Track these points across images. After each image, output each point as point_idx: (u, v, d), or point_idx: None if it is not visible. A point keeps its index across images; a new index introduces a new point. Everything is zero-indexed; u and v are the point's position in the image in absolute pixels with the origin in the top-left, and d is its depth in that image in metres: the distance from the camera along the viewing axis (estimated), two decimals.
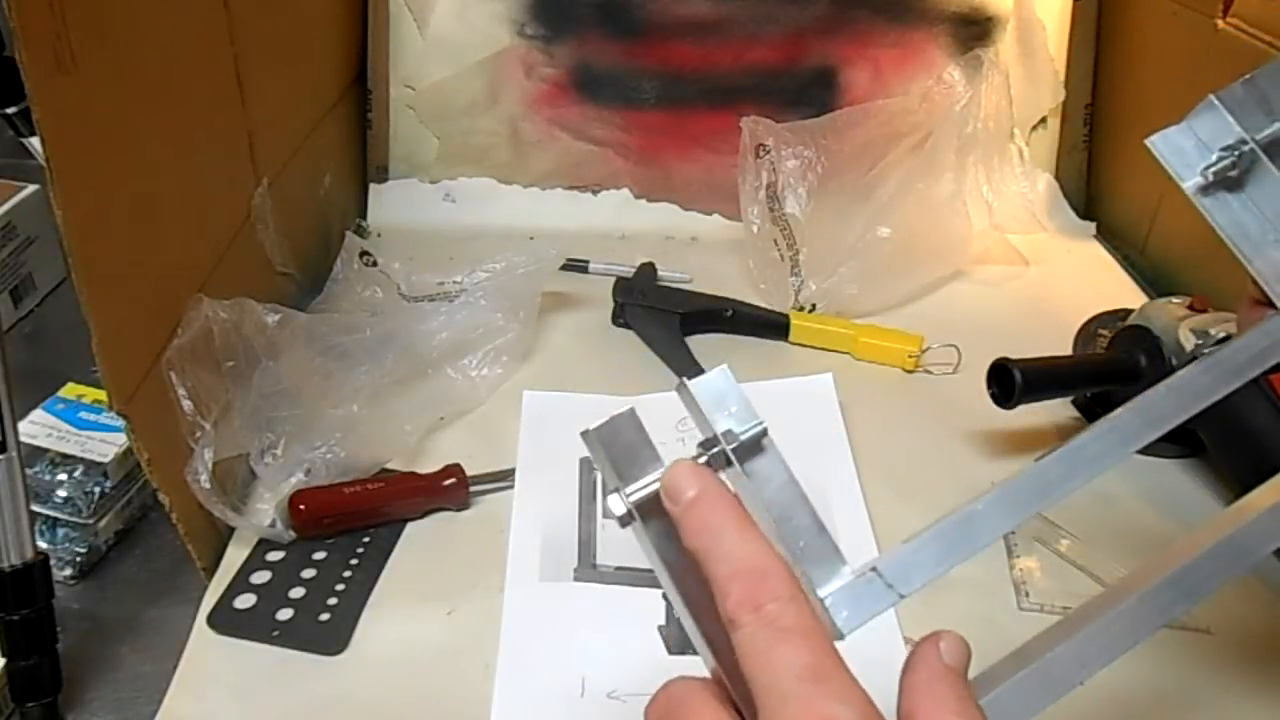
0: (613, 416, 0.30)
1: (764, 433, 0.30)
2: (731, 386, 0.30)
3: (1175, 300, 0.65)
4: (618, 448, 0.30)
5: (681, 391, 0.31)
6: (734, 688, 0.28)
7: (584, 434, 0.30)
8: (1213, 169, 0.36)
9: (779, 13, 0.86)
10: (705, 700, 0.28)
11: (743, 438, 0.30)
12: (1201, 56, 0.78)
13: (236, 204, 0.64)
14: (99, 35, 0.46)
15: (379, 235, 0.88)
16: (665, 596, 0.52)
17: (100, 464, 0.56)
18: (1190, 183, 0.37)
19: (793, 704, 0.25)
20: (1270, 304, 0.37)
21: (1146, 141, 0.38)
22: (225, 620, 0.52)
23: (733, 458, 0.30)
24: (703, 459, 0.30)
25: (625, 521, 0.30)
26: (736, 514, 0.28)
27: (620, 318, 0.77)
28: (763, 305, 0.78)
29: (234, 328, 0.57)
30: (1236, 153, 0.36)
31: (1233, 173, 0.36)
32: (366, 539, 0.57)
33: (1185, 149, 0.37)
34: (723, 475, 0.30)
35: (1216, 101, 0.36)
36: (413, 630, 0.53)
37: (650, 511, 0.29)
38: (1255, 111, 0.36)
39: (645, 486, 0.29)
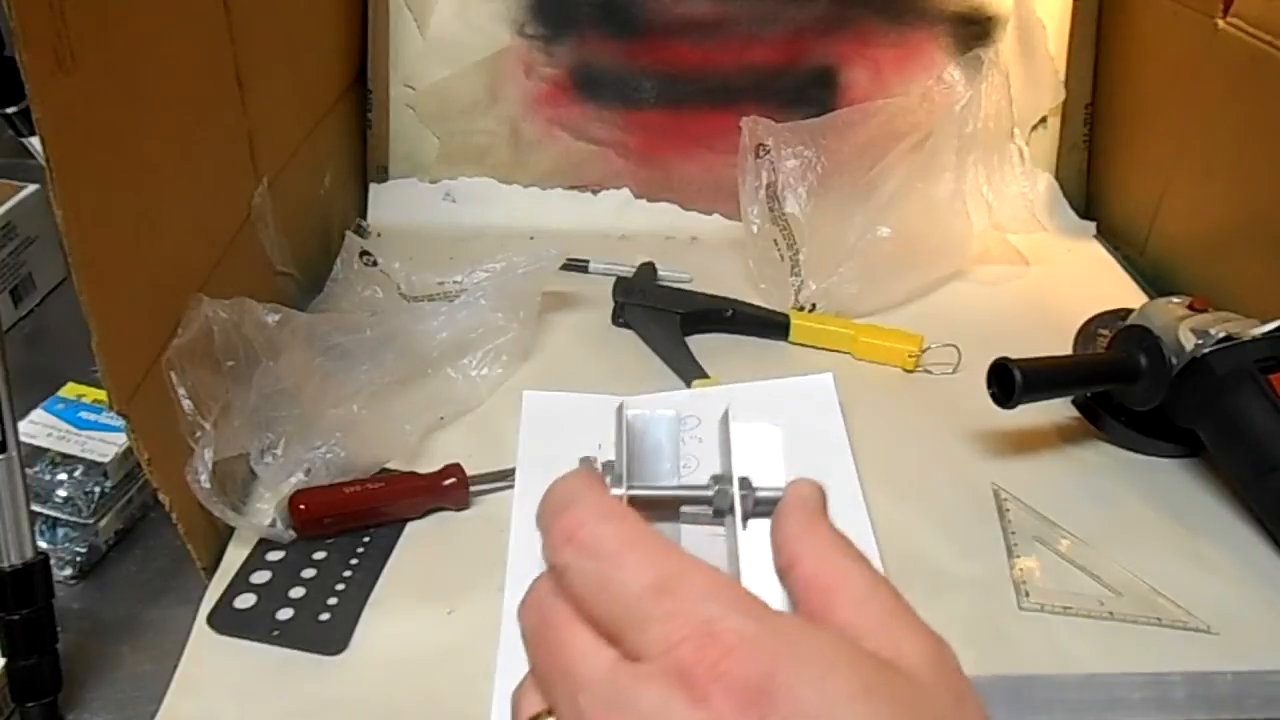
0: (658, 414, 0.29)
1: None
2: (774, 442, 0.30)
3: (1175, 300, 0.65)
4: (644, 444, 0.29)
5: (723, 425, 0.30)
6: None
7: (623, 411, 0.29)
8: None
9: (779, 13, 0.86)
10: (568, 619, 0.25)
11: (758, 494, 0.29)
12: (1201, 56, 0.78)
13: (236, 204, 0.64)
14: (99, 35, 0.46)
15: (379, 235, 0.88)
16: None
17: (100, 464, 0.56)
18: None
19: (656, 626, 0.22)
20: None
21: None
22: (225, 620, 0.52)
23: (737, 506, 0.29)
24: (710, 491, 0.29)
25: None
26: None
27: (620, 317, 0.77)
28: (763, 305, 0.78)
29: (234, 328, 0.57)
30: None
31: None
32: (366, 539, 0.57)
33: None
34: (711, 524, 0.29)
35: None
36: (413, 630, 0.53)
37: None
38: None
39: (643, 489, 0.29)
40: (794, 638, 0.22)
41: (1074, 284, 0.85)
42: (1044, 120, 0.92)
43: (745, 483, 0.29)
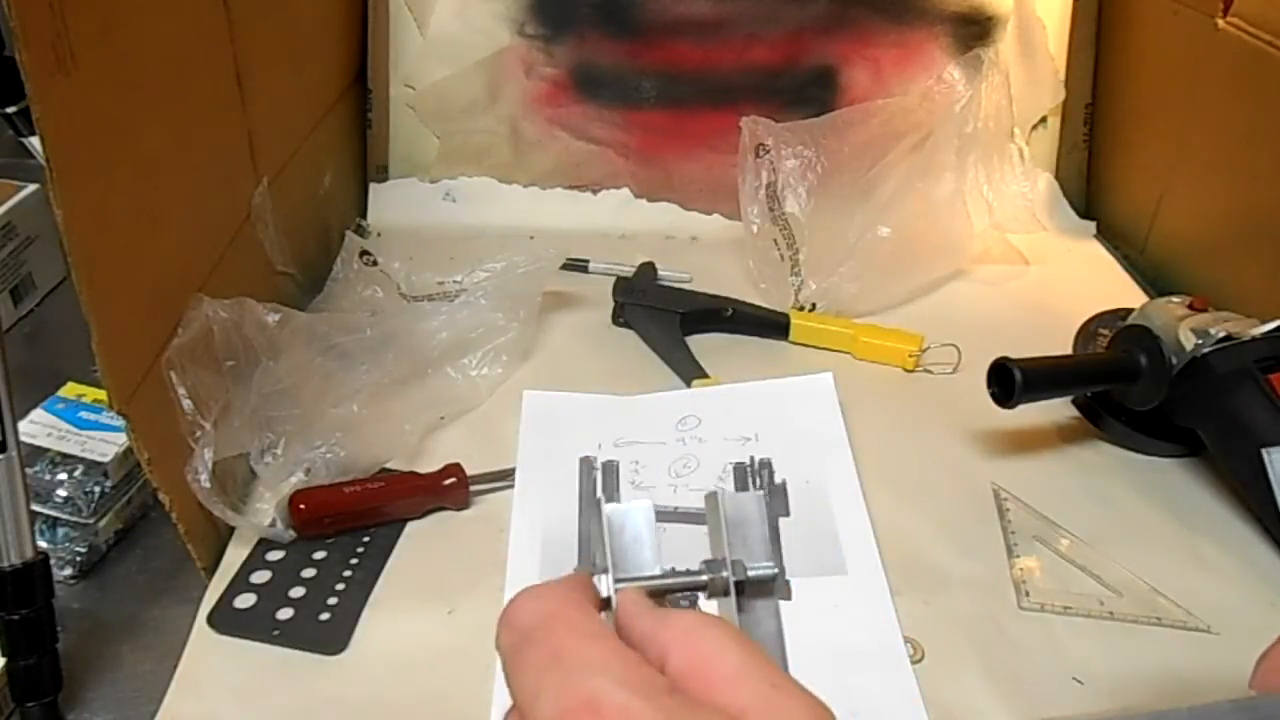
0: (634, 505, 0.30)
1: (773, 577, 0.30)
2: (761, 516, 0.30)
3: (1175, 300, 0.65)
4: (624, 536, 0.30)
5: (710, 500, 0.30)
6: None
7: (600, 505, 0.31)
8: None
9: (779, 12, 0.86)
10: (588, 615, 0.25)
11: (750, 574, 0.29)
12: (1201, 56, 0.78)
13: (236, 204, 0.64)
14: (99, 35, 0.46)
15: (379, 235, 0.88)
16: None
17: (100, 464, 0.56)
18: None
19: (545, 699, 0.23)
20: None
21: None
22: (225, 620, 0.52)
23: (732, 589, 0.29)
24: (704, 577, 0.30)
25: (603, 605, 0.29)
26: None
27: (620, 317, 0.77)
28: (763, 305, 0.78)
29: (234, 328, 0.57)
30: None
31: None
32: (366, 539, 0.57)
33: None
34: (713, 602, 0.30)
35: None
36: (413, 630, 0.53)
37: None
38: None
39: (632, 581, 0.29)
40: (679, 716, 0.22)
41: (1074, 284, 0.85)
42: (1044, 120, 0.92)
43: (738, 566, 0.29)
